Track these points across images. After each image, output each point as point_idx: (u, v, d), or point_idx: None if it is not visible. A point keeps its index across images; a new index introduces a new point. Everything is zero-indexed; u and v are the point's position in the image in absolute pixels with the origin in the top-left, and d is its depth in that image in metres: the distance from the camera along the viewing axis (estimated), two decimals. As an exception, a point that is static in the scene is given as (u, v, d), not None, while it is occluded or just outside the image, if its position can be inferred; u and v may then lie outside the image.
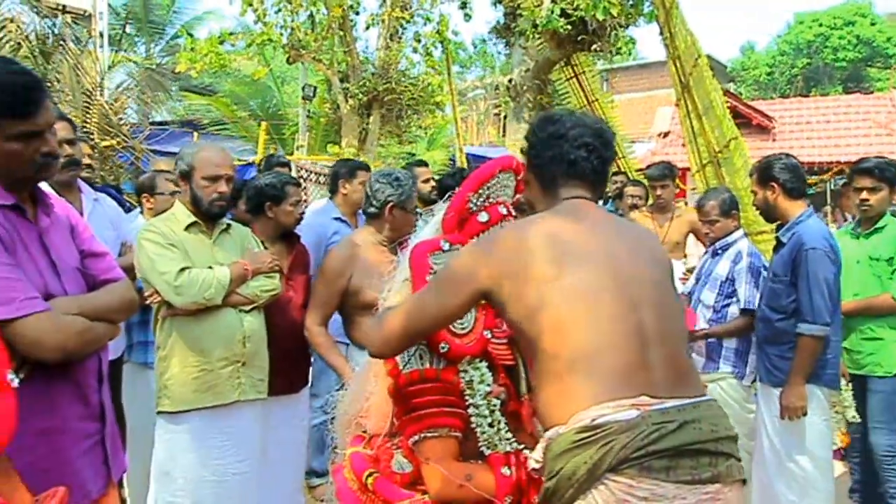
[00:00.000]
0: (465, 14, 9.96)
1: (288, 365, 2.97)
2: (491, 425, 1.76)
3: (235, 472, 2.69)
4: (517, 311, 1.54)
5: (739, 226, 3.73)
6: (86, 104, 7.25)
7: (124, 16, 16.25)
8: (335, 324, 3.07)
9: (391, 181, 2.95)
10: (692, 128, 6.51)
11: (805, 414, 2.98)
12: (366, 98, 9.55)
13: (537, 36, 8.75)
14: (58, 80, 7.46)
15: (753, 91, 30.83)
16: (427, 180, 4.59)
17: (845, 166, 11.94)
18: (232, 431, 2.70)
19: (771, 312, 3.14)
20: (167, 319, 2.68)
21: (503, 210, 1.86)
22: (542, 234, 1.57)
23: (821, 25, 30.49)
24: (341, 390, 2.16)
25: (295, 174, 5.88)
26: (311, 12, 9.36)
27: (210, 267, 2.66)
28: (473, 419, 1.75)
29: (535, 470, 1.53)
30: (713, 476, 1.42)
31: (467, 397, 1.75)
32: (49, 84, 6.73)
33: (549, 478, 1.45)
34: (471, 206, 1.83)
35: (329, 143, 9.86)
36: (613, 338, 1.47)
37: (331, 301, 2.97)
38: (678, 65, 6.40)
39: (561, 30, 8.31)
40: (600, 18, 8.06)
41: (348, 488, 1.87)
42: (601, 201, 2.63)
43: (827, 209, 10.36)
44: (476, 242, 1.75)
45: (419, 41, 10.07)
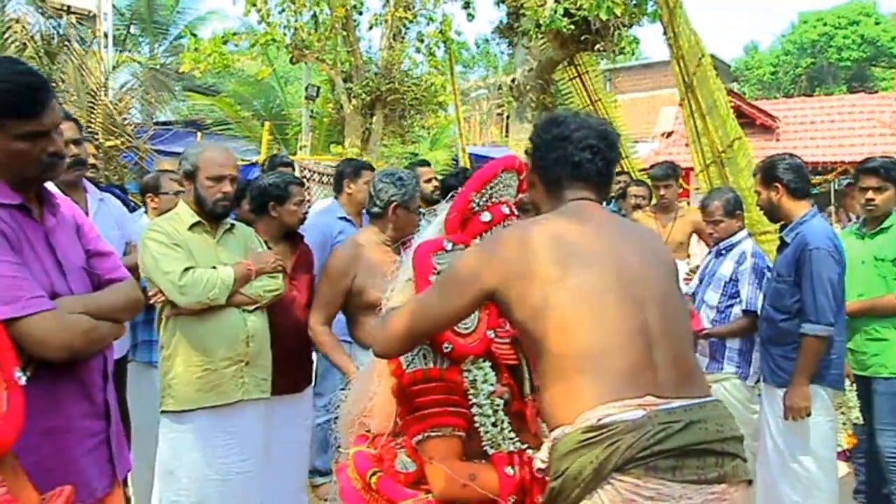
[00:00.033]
0: (468, 14, 9.96)
1: (291, 364, 2.98)
2: (494, 425, 1.76)
3: (239, 472, 2.69)
4: (522, 312, 1.54)
5: (743, 226, 3.73)
6: (90, 104, 7.28)
7: (128, 16, 16.29)
8: (339, 323, 3.08)
9: (394, 181, 2.95)
10: (696, 128, 6.49)
11: (809, 414, 2.98)
12: (369, 98, 9.56)
13: (540, 36, 8.74)
14: (62, 81, 7.49)
15: (757, 91, 30.75)
16: (430, 180, 4.58)
17: (849, 166, 11.94)
18: (236, 431, 2.70)
19: (775, 312, 3.13)
20: (171, 319, 2.68)
21: (506, 210, 1.86)
22: (547, 235, 1.57)
23: (825, 25, 30.41)
24: (345, 390, 2.16)
25: (298, 174, 5.89)
26: (315, 12, 9.36)
27: (214, 267, 2.66)
28: (477, 419, 1.75)
29: (541, 470, 1.53)
30: (719, 476, 1.42)
31: (471, 397, 1.75)
32: (54, 84, 6.73)
33: (555, 478, 1.45)
34: (473, 206, 1.83)
35: (332, 143, 9.88)
36: (619, 338, 1.48)
37: (334, 301, 2.97)
38: (682, 64, 6.38)
39: (564, 29, 8.31)
40: (604, 18, 8.05)
41: (352, 487, 1.87)
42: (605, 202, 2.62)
43: (831, 209, 10.33)
44: (480, 243, 1.75)
45: (422, 41, 10.07)
